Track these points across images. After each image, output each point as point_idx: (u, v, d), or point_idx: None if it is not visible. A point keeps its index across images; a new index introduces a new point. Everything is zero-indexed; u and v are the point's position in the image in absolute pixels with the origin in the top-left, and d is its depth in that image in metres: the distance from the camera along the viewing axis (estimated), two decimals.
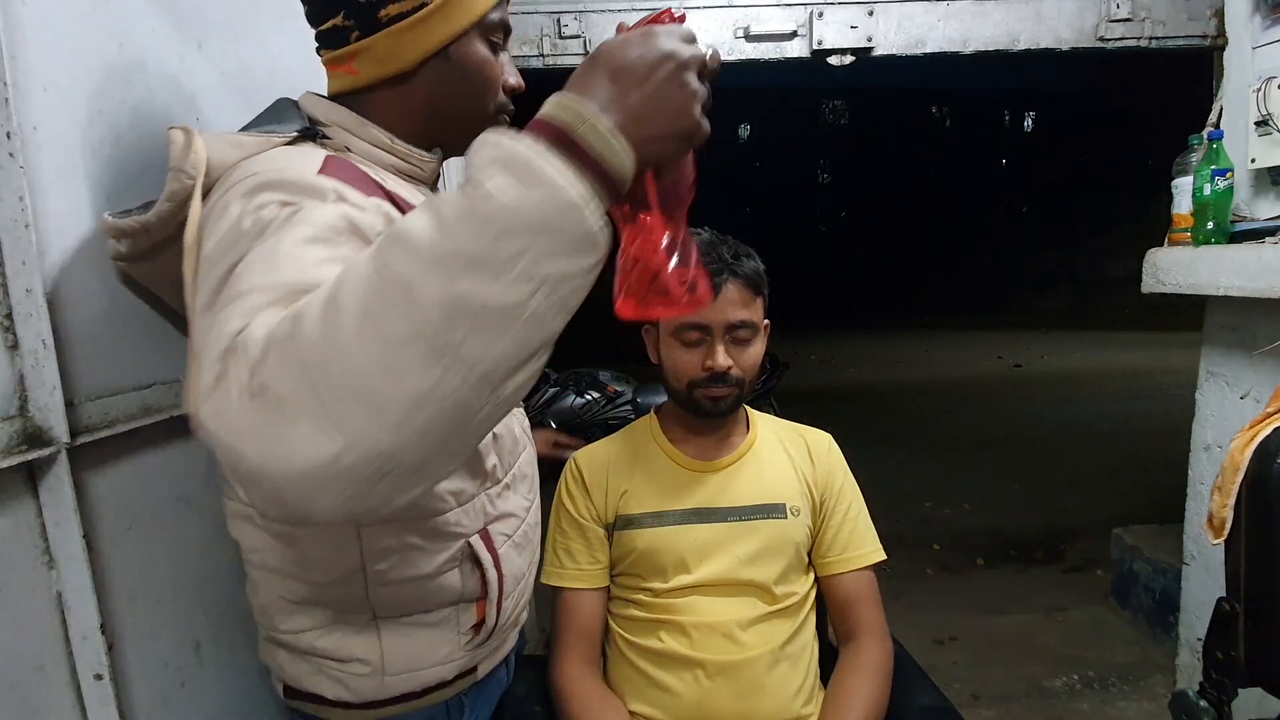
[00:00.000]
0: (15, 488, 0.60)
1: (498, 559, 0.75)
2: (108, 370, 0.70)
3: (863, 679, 0.95)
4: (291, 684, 0.75)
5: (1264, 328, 1.49)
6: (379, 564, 0.69)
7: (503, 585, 0.76)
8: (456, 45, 0.69)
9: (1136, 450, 4.52)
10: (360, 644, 0.71)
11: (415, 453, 0.40)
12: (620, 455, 1.05)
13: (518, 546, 0.81)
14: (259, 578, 0.72)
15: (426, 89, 0.70)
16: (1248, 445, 0.89)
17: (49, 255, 0.63)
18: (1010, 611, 2.46)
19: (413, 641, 0.73)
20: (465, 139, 0.64)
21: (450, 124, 0.73)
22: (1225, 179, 1.48)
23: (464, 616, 0.76)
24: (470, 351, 0.38)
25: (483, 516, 0.75)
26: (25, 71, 0.61)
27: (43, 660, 0.62)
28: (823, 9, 1.72)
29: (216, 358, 0.42)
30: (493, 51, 0.72)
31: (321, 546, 0.67)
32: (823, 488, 1.04)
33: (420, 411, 0.38)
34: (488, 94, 0.72)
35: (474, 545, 0.73)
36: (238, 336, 0.42)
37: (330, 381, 0.38)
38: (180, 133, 0.60)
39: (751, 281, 0.95)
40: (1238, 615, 0.89)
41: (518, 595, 0.82)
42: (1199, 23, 1.70)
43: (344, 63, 0.69)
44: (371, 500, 0.41)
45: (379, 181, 0.66)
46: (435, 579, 0.71)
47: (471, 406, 0.40)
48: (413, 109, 0.71)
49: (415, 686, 0.74)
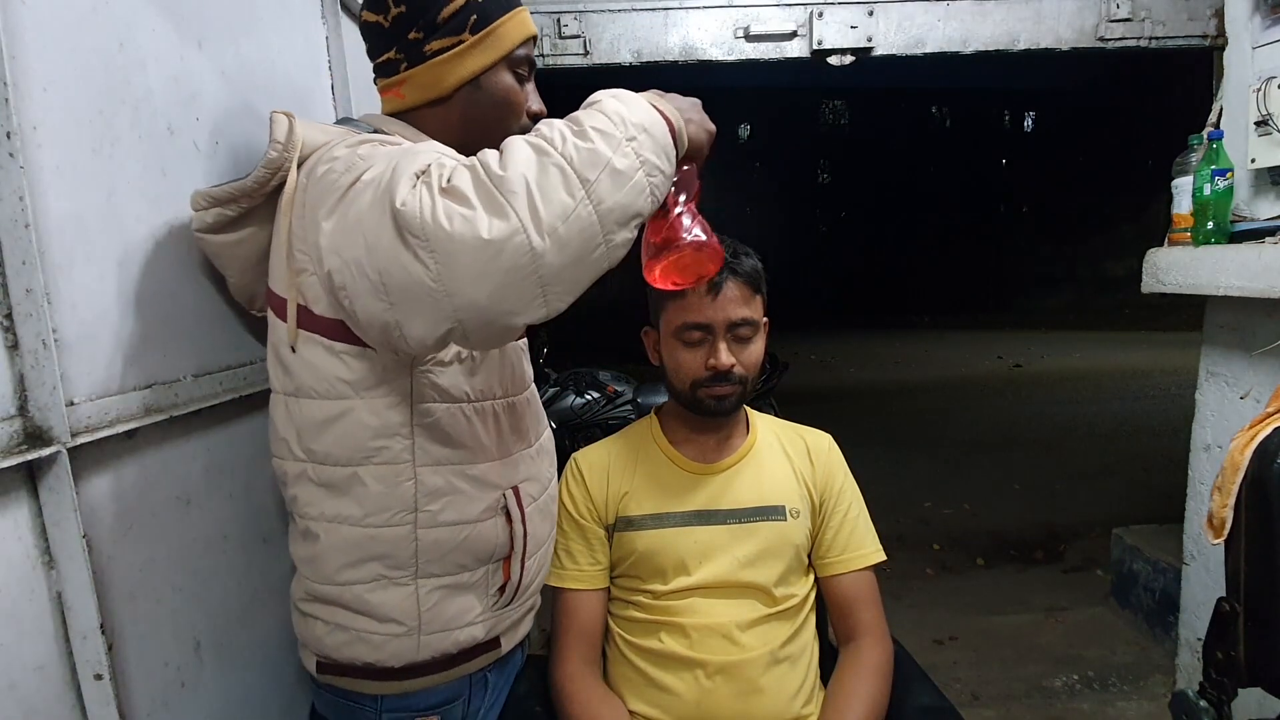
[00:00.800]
0: (15, 488, 0.60)
1: (525, 516, 0.83)
2: (108, 370, 0.70)
3: (863, 679, 0.95)
4: (327, 656, 0.79)
5: (1264, 328, 1.49)
6: (430, 505, 0.76)
7: (527, 543, 0.84)
8: (487, 76, 0.81)
9: (1136, 450, 4.52)
10: (400, 602, 0.77)
11: (554, 261, 0.58)
12: (620, 456, 1.05)
13: (541, 512, 0.89)
14: (318, 529, 0.77)
15: (461, 110, 0.83)
16: (1248, 445, 0.89)
17: (49, 255, 0.63)
18: (1010, 611, 2.46)
19: (448, 602, 0.79)
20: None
21: (480, 140, 0.77)
22: (1225, 179, 1.48)
23: (493, 579, 0.83)
24: (599, 190, 0.58)
25: (516, 472, 0.84)
26: (25, 71, 0.61)
27: (43, 660, 0.62)
28: (823, 9, 1.72)
29: (410, 176, 0.60)
30: (518, 81, 0.84)
31: (378, 488, 0.74)
32: (822, 489, 1.04)
33: (563, 224, 0.57)
34: (511, 116, 0.84)
35: (507, 499, 0.82)
36: (429, 164, 0.61)
37: (505, 188, 0.57)
38: (283, 116, 0.73)
39: (751, 279, 0.96)
40: (1238, 615, 0.88)
41: (539, 559, 0.90)
42: (1199, 23, 1.70)
43: (394, 88, 0.83)
44: (515, 295, 0.58)
45: None
46: (475, 525, 0.79)
47: (594, 238, 0.59)
48: (449, 126, 0.83)
49: (449, 647, 0.80)
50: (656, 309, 1.01)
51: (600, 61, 1.74)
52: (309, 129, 0.74)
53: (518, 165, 0.57)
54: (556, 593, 1.01)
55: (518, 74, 0.84)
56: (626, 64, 1.76)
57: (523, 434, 0.87)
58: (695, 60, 1.78)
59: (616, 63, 1.75)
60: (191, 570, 0.82)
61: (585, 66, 1.74)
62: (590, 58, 1.73)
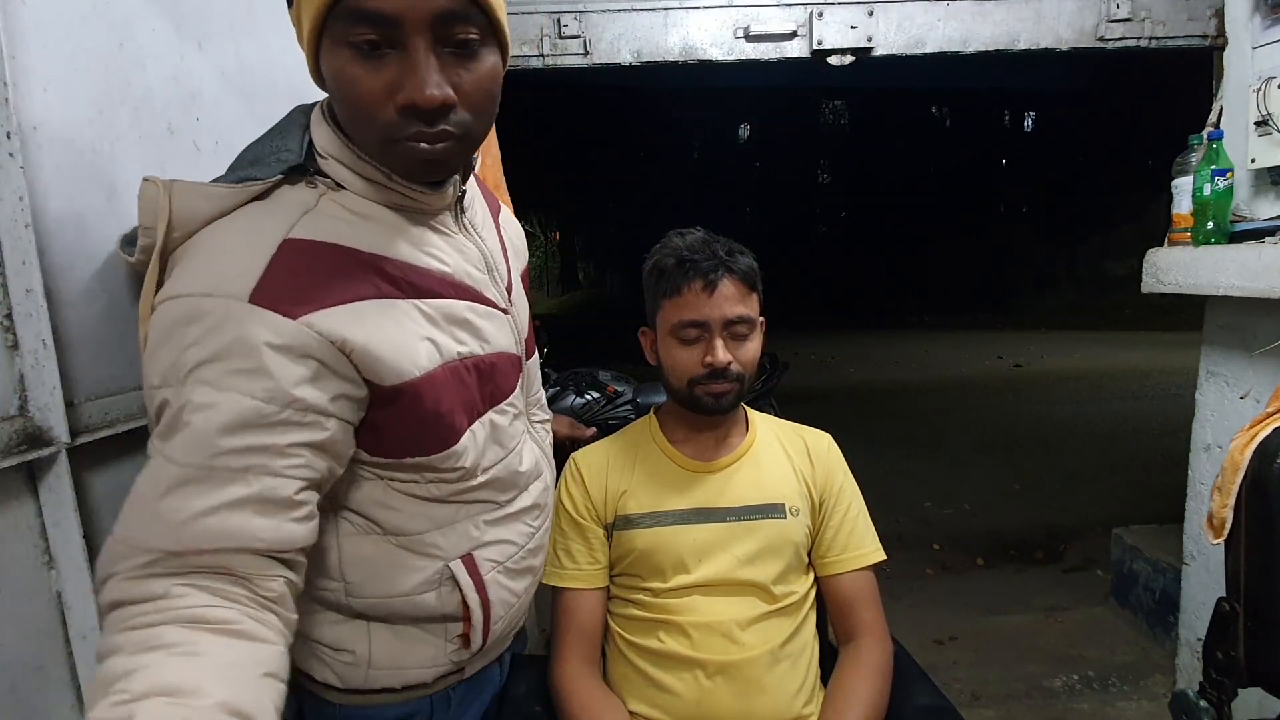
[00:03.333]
0: (15, 488, 0.60)
1: (482, 585, 0.74)
2: (108, 370, 0.70)
3: (863, 679, 0.95)
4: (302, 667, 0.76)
5: (1264, 328, 1.49)
6: (354, 575, 0.69)
7: (488, 611, 0.75)
8: (322, 60, 0.59)
9: (1136, 450, 4.52)
10: (351, 637, 0.72)
11: None
12: (619, 455, 1.05)
13: (511, 573, 0.79)
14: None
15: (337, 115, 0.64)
16: (1248, 445, 0.89)
17: (49, 255, 0.63)
18: (1010, 611, 2.45)
19: (400, 642, 0.74)
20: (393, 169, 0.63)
21: (375, 153, 0.63)
22: (1225, 179, 1.48)
23: (451, 627, 0.76)
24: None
25: (467, 541, 0.74)
26: (25, 71, 0.61)
27: (43, 660, 0.62)
28: (823, 9, 1.72)
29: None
30: (362, 57, 0.56)
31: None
32: (822, 488, 1.04)
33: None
34: (358, 118, 0.59)
35: (454, 570, 0.72)
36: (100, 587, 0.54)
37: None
38: (152, 186, 0.58)
39: (746, 277, 0.96)
40: (1238, 615, 0.89)
41: (510, 618, 0.81)
42: (1199, 23, 1.70)
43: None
44: None
45: (358, 255, 0.62)
46: (410, 598, 0.71)
47: None
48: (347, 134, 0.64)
49: (397, 684, 0.75)
50: (653, 309, 1.01)
51: (600, 61, 1.74)
52: (187, 196, 0.58)
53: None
54: (556, 592, 1.01)
55: (353, 45, 0.55)
56: (626, 64, 1.76)
57: (490, 497, 0.75)
58: (695, 60, 1.78)
59: (616, 63, 1.75)
60: None
61: (585, 66, 1.74)
62: (590, 58, 1.73)
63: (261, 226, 0.59)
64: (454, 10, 0.56)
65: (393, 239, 0.65)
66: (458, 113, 0.59)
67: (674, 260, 0.96)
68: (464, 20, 0.57)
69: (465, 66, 0.59)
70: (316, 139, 0.64)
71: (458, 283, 0.70)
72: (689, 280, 0.94)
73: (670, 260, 0.96)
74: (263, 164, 0.62)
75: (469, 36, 0.58)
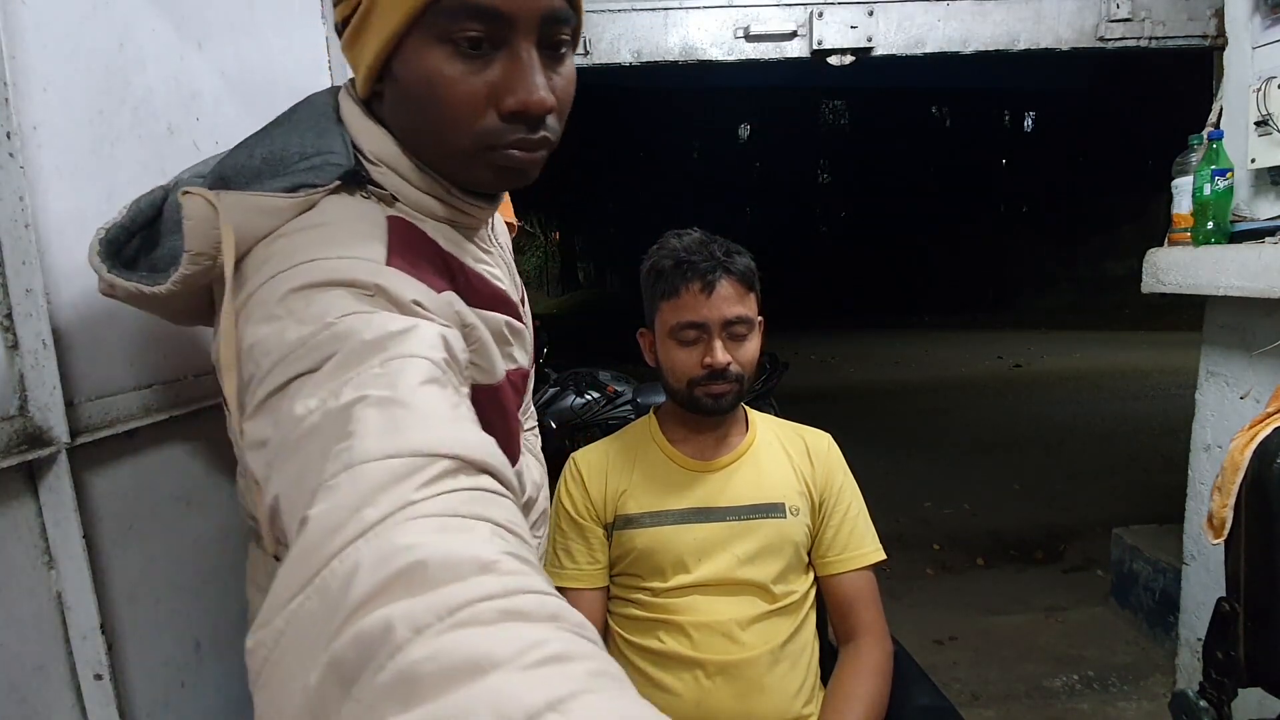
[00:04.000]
0: (15, 488, 0.60)
1: None
2: (108, 370, 0.70)
3: (863, 679, 0.95)
4: None
5: (1264, 328, 1.49)
6: None
7: None
8: (398, 58, 0.51)
9: (1136, 450, 4.52)
10: None
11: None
12: (619, 455, 1.05)
13: None
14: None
15: (394, 116, 0.56)
16: (1248, 445, 0.89)
17: (49, 255, 0.63)
18: (1010, 611, 2.45)
19: None
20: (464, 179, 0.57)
21: (438, 164, 0.56)
22: (1225, 179, 1.48)
23: None
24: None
25: None
26: (25, 71, 0.61)
27: (43, 660, 0.62)
28: (823, 9, 1.72)
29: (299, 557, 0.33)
30: (461, 55, 0.50)
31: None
32: (822, 488, 1.04)
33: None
34: (449, 122, 0.52)
35: None
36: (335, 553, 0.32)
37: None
38: (199, 202, 0.50)
39: (744, 278, 0.96)
40: (1238, 615, 0.89)
41: None
42: (1199, 23, 1.70)
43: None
44: None
45: (440, 249, 0.57)
46: None
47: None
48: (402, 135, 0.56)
49: None
50: (651, 310, 1.01)
51: (600, 61, 1.74)
52: (243, 213, 0.50)
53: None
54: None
55: (457, 40, 0.49)
56: (626, 64, 1.76)
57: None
58: (695, 60, 1.78)
59: (616, 63, 1.75)
60: (191, 570, 0.82)
61: (585, 66, 1.74)
62: (590, 58, 1.73)
63: (353, 203, 0.54)
64: (560, 11, 0.52)
65: (454, 248, 0.61)
66: (551, 118, 0.54)
67: (672, 262, 0.96)
68: (565, 22, 0.53)
69: (557, 70, 0.54)
70: (365, 143, 0.56)
71: (506, 297, 0.68)
72: (687, 281, 0.94)
73: (668, 262, 0.96)
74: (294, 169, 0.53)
75: (564, 38, 0.54)
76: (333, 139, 0.55)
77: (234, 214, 0.50)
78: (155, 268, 0.55)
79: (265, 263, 0.49)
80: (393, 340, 0.42)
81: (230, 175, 0.53)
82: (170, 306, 0.56)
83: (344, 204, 0.53)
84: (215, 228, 0.50)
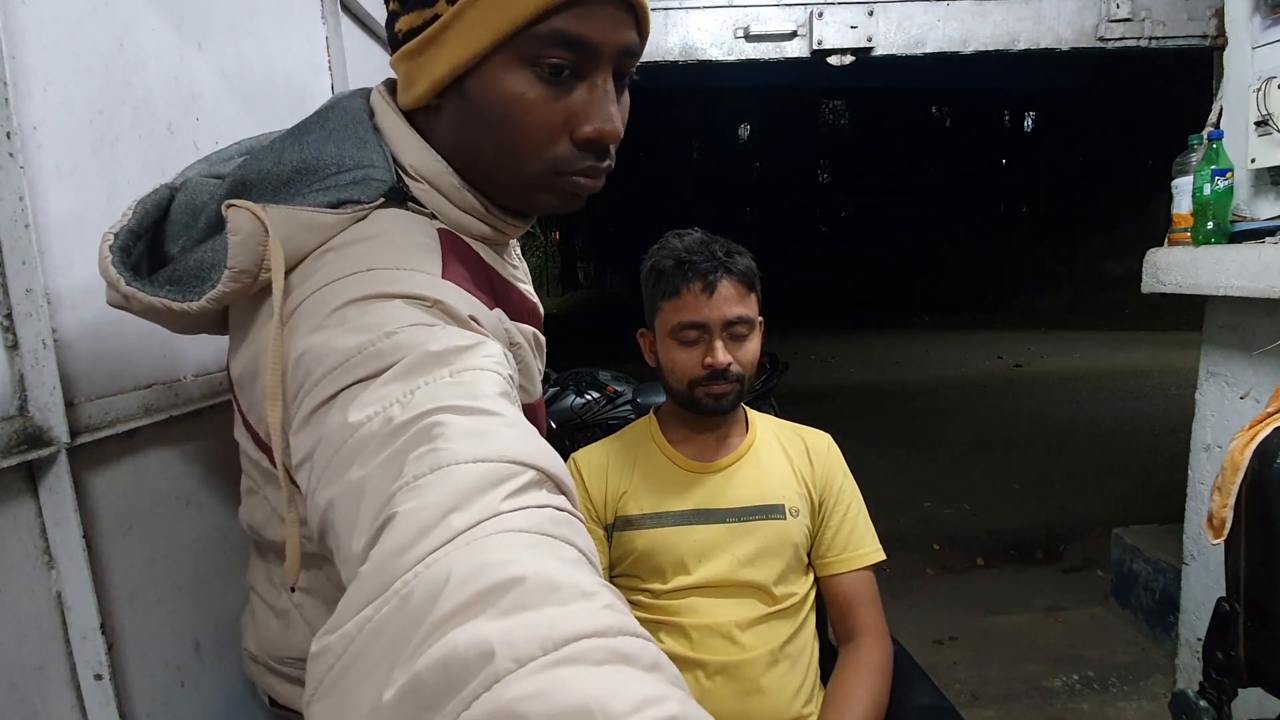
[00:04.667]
0: (15, 488, 0.60)
1: None
2: (108, 370, 0.70)
3: (863, 679, 0.95)
4: (280, 700, 0.73)
5: (1264, 328, 1.49)
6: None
7: None
8: (475, 75, 0.51)
9: (1136, 450, 4.52)
10: None
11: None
12: (619, 456, 1.05)
13: None
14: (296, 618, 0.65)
15: (452, 133, 0.55)
16: (1248, 445, 0.89)
17: (49, 255, 0.63)
18: (1010, 611, 2.45)
19: None
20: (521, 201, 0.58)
21: (495, 185, 0.56)
22: (1225, 179, 1.48)
23: None
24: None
25: None
26: (25, 71, 0.61)
27: (43, 660, 0.62)
28: (823, 9, 1.72)
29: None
30: (543, 81, 0.50)
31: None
32: (822, 488, 1.04)
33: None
34: (523, 146, 0.52)
35: None
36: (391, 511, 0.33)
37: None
38: (246, 215, 0.48)
39: (745, 278, 0.96)
40: (1238, 615, 0.89)
41: None
42: (1199, 23, 1.70)
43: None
44: None
45: (485, 264, 0.58)
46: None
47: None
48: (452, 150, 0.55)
49: None
50: (651, 310, 1.01)
51: None
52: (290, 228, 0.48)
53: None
54: None
55: (541, 67, 0.50)
56: None
57: None
58: (695, 60, 1.78)
59: None
60: (191, 570, 0.82)
61: None
62: None
63: (404, 215, 0.53)
64: (635, 46, 0.53)
65: (495, 263, 0.61)
66: (612, 146, 0.56)
67: (672, 262, 0.96)
68: (636, 56, 0.54)
69: (620, 101, 0.56)
70: (407, 157, 0.55)
71: (535, 309, 0.68)
72: (687, 282, 0.94)
73: (668, 262, 0.96)
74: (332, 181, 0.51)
75: (632, 71, 0.56)
76: (372, 151, 0.54)
77: (280, 229, 0.48)
78: (179, 280, 0.52)
79: (311, 276, 0.48)
80: (460, 354, 0.41)
81: (255, 181, 0.52)
82: (186, 320, 0.54)
83: (395, 216, 0.52)
84: (261, 244, 0.48)
